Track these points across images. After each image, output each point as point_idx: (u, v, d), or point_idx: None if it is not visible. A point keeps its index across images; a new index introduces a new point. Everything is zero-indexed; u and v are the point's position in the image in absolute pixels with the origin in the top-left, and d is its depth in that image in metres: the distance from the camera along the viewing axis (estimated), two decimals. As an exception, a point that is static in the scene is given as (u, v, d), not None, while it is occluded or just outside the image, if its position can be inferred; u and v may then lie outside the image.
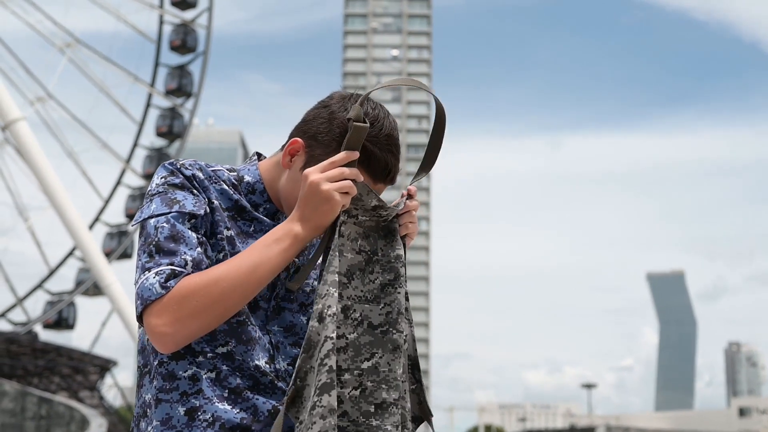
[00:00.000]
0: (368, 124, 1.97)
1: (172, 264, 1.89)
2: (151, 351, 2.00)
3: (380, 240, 2.01)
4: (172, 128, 40.98)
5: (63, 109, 39.32)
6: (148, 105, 41.74)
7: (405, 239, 2.05)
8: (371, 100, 2.04)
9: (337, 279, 1.90)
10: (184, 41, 40.25)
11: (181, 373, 1.95)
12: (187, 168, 2.01)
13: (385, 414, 1.91)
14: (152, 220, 1.94)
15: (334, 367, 1.84)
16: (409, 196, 2.03)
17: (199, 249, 1.92)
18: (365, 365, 1.92)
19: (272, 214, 2.08)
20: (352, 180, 1.95)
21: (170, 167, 2.02)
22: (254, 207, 2.07)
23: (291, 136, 2.07)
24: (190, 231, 1.94)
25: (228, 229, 2.00)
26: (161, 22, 41.02)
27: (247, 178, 2.09)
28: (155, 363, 1.99)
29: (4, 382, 24.54)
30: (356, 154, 1.96)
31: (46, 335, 40.11)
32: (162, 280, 1.88)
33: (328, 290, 1.89)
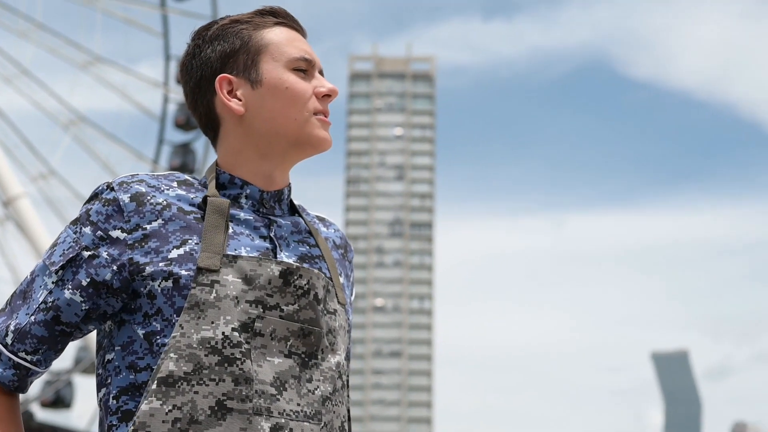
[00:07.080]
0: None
1: None
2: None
3: (323, 338, 1.65)
4: (175, 205, 41.11)
5: (65, 186, 39.36)
6: (150, 182, 41.95)
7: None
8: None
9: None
10: (188, 119, 40.35)
11: None
12: (112, 190, 1.70)
13: None
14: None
15: None
16: None
17: (33, 317, 1.67)
18: None
19: (257, 198, 1.75)
20: None
21: (94, 191, 1.73)
22: (234, 200, 1.73)
23: (203, 93, 1.77)
24: (47, 286, 1.68)
25: (182, 245, 1.66)
26: (166, 100, 41.26)
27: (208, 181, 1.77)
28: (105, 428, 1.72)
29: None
30: None
31: (43, 415, 39.64)
32: None
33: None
